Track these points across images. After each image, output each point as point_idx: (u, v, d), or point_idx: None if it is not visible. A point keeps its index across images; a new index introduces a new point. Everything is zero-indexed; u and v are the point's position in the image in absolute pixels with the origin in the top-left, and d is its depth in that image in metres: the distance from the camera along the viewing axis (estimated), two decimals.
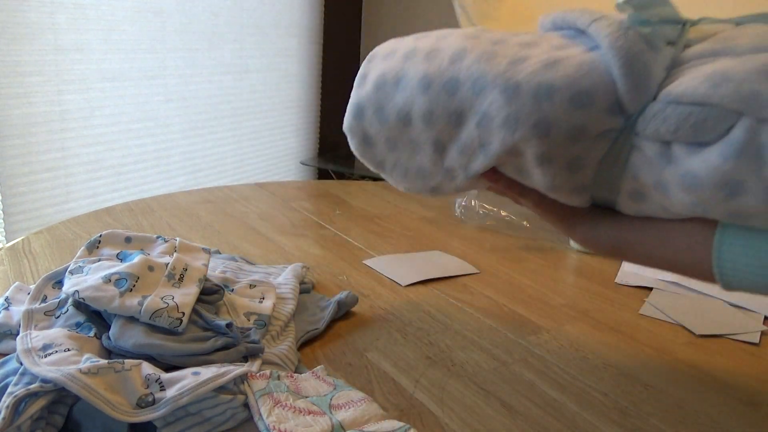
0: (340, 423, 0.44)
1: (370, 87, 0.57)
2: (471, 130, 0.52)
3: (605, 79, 0.46)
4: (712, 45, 0.45)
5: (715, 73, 0.42)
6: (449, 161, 0.55)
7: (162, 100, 2.13)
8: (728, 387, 0.58)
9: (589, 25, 0.49)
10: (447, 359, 0.59)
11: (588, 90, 0.46)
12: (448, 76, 0.52)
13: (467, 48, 0.52)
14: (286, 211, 1.02)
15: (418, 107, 0.53)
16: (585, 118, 0.46)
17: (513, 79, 0.48)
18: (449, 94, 0.52)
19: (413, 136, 0.56)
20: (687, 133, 0.43)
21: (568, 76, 0.46)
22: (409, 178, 0.59)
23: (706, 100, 0.42)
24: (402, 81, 0.55)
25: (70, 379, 0.41)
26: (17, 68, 1.71)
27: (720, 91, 0.41)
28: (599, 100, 0.46)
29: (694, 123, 0.42)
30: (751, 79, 0.41)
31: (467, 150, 0.53)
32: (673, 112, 0.43)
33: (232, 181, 2.45)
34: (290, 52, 2.57)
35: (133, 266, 0.54)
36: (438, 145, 0.55)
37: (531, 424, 0.50)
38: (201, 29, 2.19)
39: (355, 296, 0.67)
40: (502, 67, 0.49)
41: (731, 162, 0.41)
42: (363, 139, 0.59)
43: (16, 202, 1.78)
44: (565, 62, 0.47)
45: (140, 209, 0.98)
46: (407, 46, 0.56)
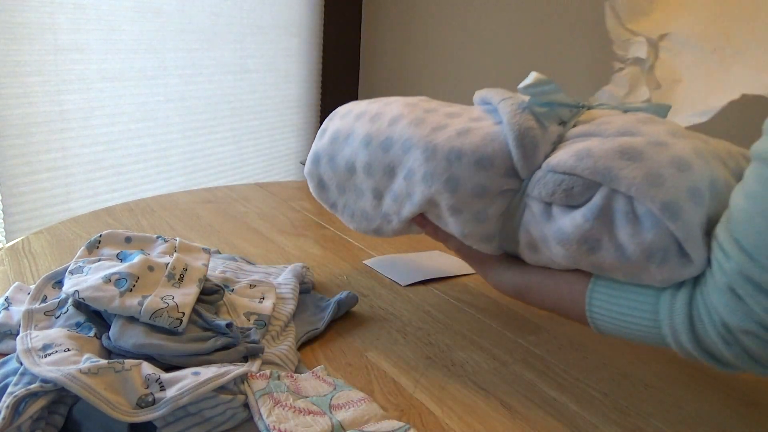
0: (340, 423, 0.44)
1: (327, 140, 0.68)
2: (400, 182, 0.61)
3: (504, 149, 0.55)
4: (589, 127, 0.55)
5: (582, 150, 0.51)
6: (385, 207, 0.64)
7: (162, 100, 2.12)
8: (728, 387, 0.58)
9: (498, 103, 0.58)
10: (447, 359, 0.59)
11: (489, 156, 0.55)
12: (384, 135, 0.62)
13: (404, 114, 0.62)
14: (286, 211, 1.02)
15: (361, 159, 0.64)
16: (486, 178, 0.56)
17: (432, 143, 0.58)
18: (384, 150, 0.62)
19: (357, 183, 0.65)
20: (560, 197, 0.52)
21: (474, 143, 0.56)
22: (356, 219, 0.68)
23: (572, 171, 0.51)
24: (350, 137, 0.65)
25: (70, 379, 0.41)
26: (17, 68, 1.71)
27: (582, 164, 0.50)
28: (498, 165, 0.55)
29: (564, 189, 0.51)
30: (607, 156, 0.49)
31: (398, 198, 0.62)
32: (551, 179, 0.52)
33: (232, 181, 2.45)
34: (290, 52, 2.57)
35: (133, 266, 0.54)
36: (376, 193, 0.64)
37: (531, 424, 0.50)
38: (201, 29, 2.19)
39: (355, 296, 0.67)
40: (426, 131, 0.59)
41: (590, 223, 0.50)
42: (318, 183, 0.69)
43: (16, 202, 1.78)
44: (474, 132, 0.57)
45: (140, 209, 0.97)
46: (360, 108, 0.67)
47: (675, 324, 0.47)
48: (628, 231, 0.49)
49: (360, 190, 0.66)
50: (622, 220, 0.49)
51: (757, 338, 0.43)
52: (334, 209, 0.70)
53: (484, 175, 0.56)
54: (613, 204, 0.49)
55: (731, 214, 0.44)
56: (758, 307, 0.41)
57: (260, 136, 2.54)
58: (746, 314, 0.42)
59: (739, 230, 0.42)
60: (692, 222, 0.46)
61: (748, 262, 0.41)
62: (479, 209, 0.57)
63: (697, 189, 0.47)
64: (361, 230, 0.69)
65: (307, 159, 0.70)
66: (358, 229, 0.69)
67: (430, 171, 0.58)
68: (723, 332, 0.44)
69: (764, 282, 0.41)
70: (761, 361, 0.44)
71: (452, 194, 0.57)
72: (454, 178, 0.57)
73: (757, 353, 0.44)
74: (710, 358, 0.47)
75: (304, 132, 2.74)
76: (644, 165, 0.48)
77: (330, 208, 0.70)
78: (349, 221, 0.69)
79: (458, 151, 0.57)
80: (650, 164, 0.48)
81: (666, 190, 0.47)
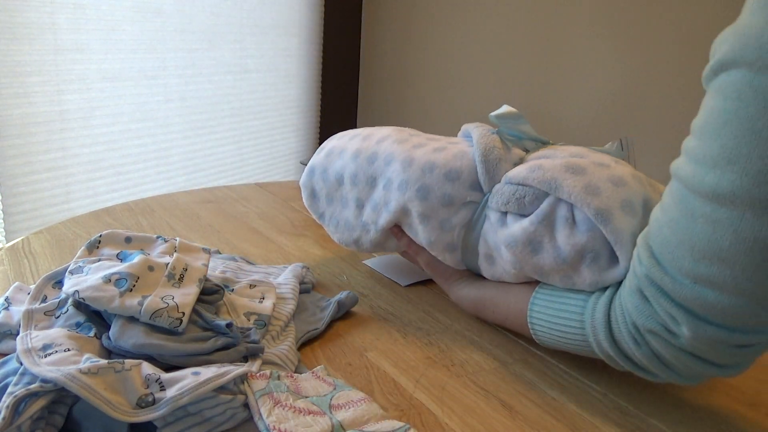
0: (340, 423, 0.44)
1: (323, 155, 0.75)
2: (379, 191, 0.68)
3: (471, 164, 0.63)
4: (545, 152, 0.63)
5: (534, 164, 0.59)
6: (365, 216, 0.70)
7: (162, 100, 2.12)
8: (728, 387, 0.58)
9: (473, 130, 0.67)
10: (447, 359, 0.59)
11: (458, 169, 0.63)
12: (371, 150, 0.70)
13: (391, 135, 0.71)
14: (286, 211, 1.02)
15: (349, 171, 0.71)
16: (453, 189, 0.63)
17: (411, 156, 0.66)
18: (369, 163, 0.69)
19: (344, 193, 0.72)
20: (513, 206, 0.58)
21: (446, 158, 0.64)
22: (340, 229, 0.74)
23: (524, 181, 0.58)
24: (343, 153, 0.72)
25: (70, 379, 0.41)
26: (17, 68, 1.71)
27: (533, 175, 0.57)
28: (464, 178, 0.63)
29: (517, 198, 0.58)
30: (555, 170, 0.57)
31: (377, 207, 0.69)
32: (507, 189, 0.59)
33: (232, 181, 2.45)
34: (290, 52, 2.57)
35: (133, 266, 0.54)
36: (359, 203, 0.71)
37: (531, 424, 0.50)
38: (201, 29, 2.19)
39: (355, 296, 0.67)
40: (407, 147, 0.68)
41: (534, 226, 0.56)
42: (311, 193, 0.75)
43: (16, 202, 1.78)
44: (448, 150, 0.66)
45: (140, 209, 0.98)
46: (356, 131, 0.76)
47: (595, 324, 0.51)
48: (565, 233, 0.55)
49: (345, 200, 0.72)
50: (562, 224, 0.56)
51: (661, 338, 0.46)
52: (322, 219, 0.76)
53: (450, 186, 0.63)
54: (556, 210, 0.56)
55: (649, 223, 0.48)
56: (660, 308, 0.45)
57: (260, 136, 2.54)
58: (651, 315, 0.46)
59: (652, 238, 0.46)
60: (623, 229, 0.52)
61: (654, 266, 0.45)
62: (445, 217, 0.64)
63: (629, 202, 0.54)
64: (342, 241, 0.74)
65: (304, 171, 0.76)
66: (340, 240, 0.74)
67: (405, 179, 0.65)
68: (633, 332, 0.48)
69: (665, 285, 0.44)
70: (669, 365, 0.48)
71: (422, 202, 0.64)
72: (426, 187, 0.64)
73: (662, 354, 0.47)
74: (626, 360, 0.50)
75: (304, 132, 2.74)
76: (585, 178, 0.56)
77: (318, 219, 0.76)
78: (334, 231, 0.75)
79: (431, 164, 0.65)
80: (590, 178, 0.56)
81: (601, 200, 0.53)
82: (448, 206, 0.63)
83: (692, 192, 0.42)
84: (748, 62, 0.38)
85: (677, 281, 0.44)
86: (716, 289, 0.42)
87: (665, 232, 0.44)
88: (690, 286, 0.43)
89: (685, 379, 0.49)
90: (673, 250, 0.44)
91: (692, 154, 0.42)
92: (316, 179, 0.74)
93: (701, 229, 0.41)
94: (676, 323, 0.44)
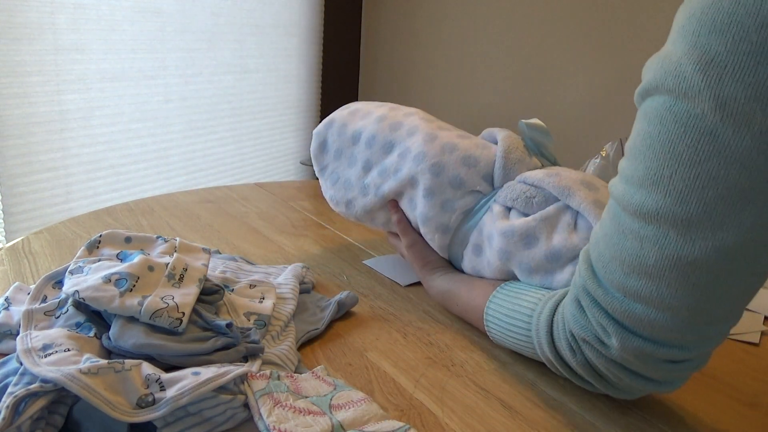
0: (340, 423, 0.44)
1: (347, 111, 0.76)
2: (393, 158, 0.70)
3: (490, 157, 0.66)
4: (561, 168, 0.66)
5: (552, 171, 0.63)
6: (369, 179, 0.72)
7: (162, 100, 2.12)
8: (729, 387, 0.58)
9: (499, 131, 0.70)
10: (447, 359, 0.59)
11: (477, 157, 0.66)
12: (397, 120, 0.72)
13: (419, 113, 0.73)
14: (286, 211, 1.02)
15: (368, 132, 0.72)
16: (467, 174, 0.66)
17: (434, 133, 0.69)
18: (392, 129, 0.72)
19: (355, 152, 0.73)
20: (521, 203, 0.62)
21: (468, 145, 0.68)
22: (337, 186, 0.75)
23: (539, 184, 0.62)
24: (368, 115, 0.74)
25: (70, 379, 0.41)
26: (17, 68, 1.71)
27: (550, 180, 0.61)
28: (480, 167, 0.66)
29: (527, 196, 0.62)
30: (571, 179, 0.61)
31: (385, 173, 0.70)
32: (519, 187, 0.63)
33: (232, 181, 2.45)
34: (290, 52, 2.57)
35: (133, 266, 0.54)
36: (367, 165, 0.72)
37: (531, 424, 0.50)
38: (201, 29, 2.19)
39: (355, 296, 0.67)
40: (432, 127, 0.70)
41: (537, 221, 0.60)
42: (321, 144, 0.77)
43: (16, 202, 1.78)
44: (472, 139, 0.69)
45: (140, 209, 0.98)
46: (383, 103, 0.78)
47: (539, 327, 0.53)
48: (563, 235, 0.58)
49: (354, 159, 0.73)
50: (564, 227, 0.59)
51: (593, 348, 0.48)
52: (322, 173, 0.77)
53: (465, 171, 0.66)
54: (561, 215, 0.60)
55: (590, 238, 0.49)
56: (593, 319, 0.47)
57: (260, 136, 2.54)
58: (585, 325, 0.47)
59: (591, 251, 0.48)
60: None
61: (590, 277, 0.47)
62: (449, 198, 0.66)
63: None
64: (334, 199, 0.76)
65: (322, 121, 0.77)
66: (332, 197, 0.76)
67: (424, 152, 0.67)
68: (570, 340, 0.50)
69: (599, 297, 0.46)
70: (602, 375, 0.49)
71: (434, 177, 0.66)
72: (441, 164, 0.66)
73: (595, 364, 0.48)
74: (564, 366, 0.52)
75: (304, 132, 2.74)
76: (597, 194, 0.59)
77: (319, 172, 0.78)
78: (329, 188, 0.76)
79: (453, 145, 0.67)
80: (601, 195, 0.59)
81: None
82: (457, 189, 0.66)
83: (623, 209, 0.44)
84: (668, 89, 0.40)
85: (609, 293, 0.45)
86: (644, 303, 0.43)
87: (601, 246, 0.46)
88: (620, 299, 0.44)
89: (620, 392, 0.50)
90: (606, 264, 0.45)
91: (623, 174, 0.44)
92: (332, 131, 0.75)
93: (630, 245, 0.43)
94: (607, 334, 0.46)
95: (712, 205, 0.39)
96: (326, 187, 0.76)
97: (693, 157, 0.39)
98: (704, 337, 0.44)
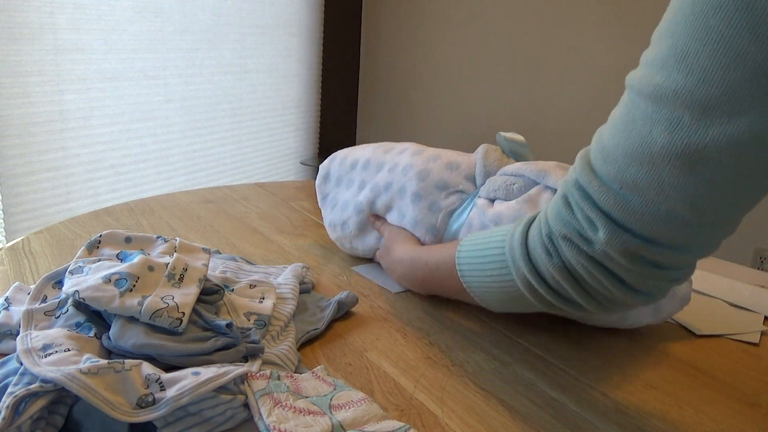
0: (340, 423, 0.44)
1: (349, 149, 0.83)
2: (384, 174, 0.76)
3: (471, 161, 0.72)
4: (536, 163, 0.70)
5: (528, 162, 0.68)
6: (362, 196, 0.77)
7: (162, 100, 2.13)
8: (728, 387, 0.58)
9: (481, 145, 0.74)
10: (447, 359, 0.59)
11: (458, 162, 0.72)
12: (390, 146, 0.79)
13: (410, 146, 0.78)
14: (286, 211, 1.02)
15: (364, 158, 0.79)
16: (449, 176, 0.71)
17: (422, 149, 0.76)
18: (384, 152, 0.78)
19: (352, 176, 0.80)
20: (502, 192, 0.67)
21: (451, 155, 0.74)
22: (336, 209, 0.80)
23: (518, 172, 0.67)
24: (367, 147, 0.81)
25: (70, 379, 0.41)
26: (17, 68, 1.71)
27: (528, 167, 0.66)
28: (462, 169, 0.72)
29: (508, 185, 0.67)
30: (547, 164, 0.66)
31: (376, 188, 0.76)
32: (500, 178, 0.68)
33: (232, 181, 2.45)
34: (290, 52, 2.57)
35: (133, 266, 0.54)
36: (362, 184, 0.78)
37: (531, 424, 0.50)
38: (201, 29, 2.19)
39: (355, 296, 0.67)
40: (421, 148, 0.77)
41: (520, 204, 0.64)
42: (325, 175, 0.83)
43: (16, 202, 1.78)
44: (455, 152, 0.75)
45: (140, 209, 0.98)
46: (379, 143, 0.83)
47: (513, 246, 0.52)
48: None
49: (351, 182, 0.79)
50: (545, 204, 0.61)
51: (573, 245, 0.47)
52: (323, 202, 0.82)
53: (448, 173, 0.71)
54: (541, 194, 0.64)
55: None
56: (581, 213, 0.46)
57: (260, 136, 2.54)
58: (569, 221, 0.47)
59: (592, 147, 0.47)
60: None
61: (586, 171, 0.46)
62: (435, 200, 0.71)
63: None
64: (332, 224, 0.81)
65: (327, 158, 0.84)
66: (331, 222, 0.81)
67: (411, 163, 0.73)
68: (546, 242, 0.49)
69: (592, 189, 0.45)
70: (579, 280, 0.48)
71: (420, 182, 0.72)
72: (426, 170, 0.72)
73: (573, 264, 0.47)
74: (541, 282, 0.50)
75: (304, 132, 2.74)
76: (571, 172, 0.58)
77: (321, 201, 0.83)
78: (329, 212, 0.81)
79: (437, 155, 0.74)
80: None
81: None
82: (442, 190, 0.71)
83: (638, 94, 0.42)
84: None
85: (605, 185, 0.44)
86: (641, 194, 0.42)
87: (605, 138, 0.45)
88: (616, 191, 0.44)
89: (595, 305, 0.49)
90: (607, 156, 0.44)
91: (645, 59, 0.43)
92: (335, 164, 0.82)
93: (638, 132, 0.42)
94: (594, 228, 0.45)
95: (734, 88, 0.37)
96: (326, 213, 0.82)
97: (724, 32, 0.37)
98: (696, 238, 0.43)
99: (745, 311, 0.73)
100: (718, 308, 0.74)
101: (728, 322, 0.70)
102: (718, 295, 0.77)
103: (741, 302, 0.75)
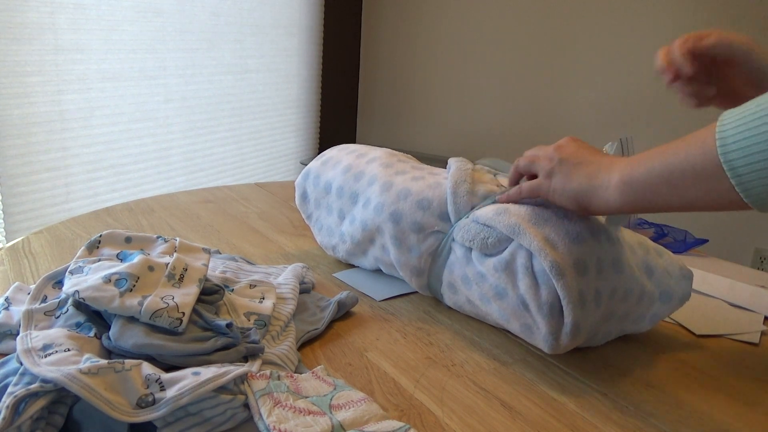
0: (340, 423, 0.44)
1: (320, 162, 0.80)
2: (359, 209, 0.73)
3: (442, 196, 0.67)
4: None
5: (501, 208, 0.62)
6: (344, 227, 0.75)
7: (162, 100, 2.13)
8: (728, 387, 0.58)
9: (453, 163, 0.70)
10: (447, 359, 0.59)
11: (429, 199, 0.68)
12: (360, 169, 0.75)
13: (381, 157, 0.76)
14: (286, 211, 1.02)
15: (336, 183, 0.76)
16: (422, 217, 0.67)
17: (390, 181, 0.71)
18: (355, 180, 0.75)
19: (330, 202, 0.77)
20: (478, 245, 0.62)
21: (421, 188, 0.69)
22: (322, 233, 0.79)
23: (489, 223, 0.61)
24: (337, 164, 0.78)
25: (70, 379, 0.41)
26: (17, 68, 1.71)
27: (499, 219, 0.60)
28: (434, 208, 0.67)
29: (482, 238, 0.61)
30: (519, 215, 0.60)
31: (354, 222, 0.73)
32: (473, 227, 0.63)
33: (232, 181, 2.45)
34: (290, 52, 2.57)
35: (133, 266, 0.54)
36: (341, 214, 0.76)
37: (531, 424, 0.50)
38: (201, 29, 2.19)
39: (355, 296, 0.67)
40: (390, 173, 0.73)
41: (499, 273, 0.60)
42: (302, 194, 0.81)
43: (16, 202, 1.78)
44: (425, 180, 0.70)
45: (140, 209, 0.98)
46: (354, 147, 0.82)
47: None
48: (526, 282, 0.58)
49: (330, 208, 0.77)
50: (522, 272, 0.58)
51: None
52: (309, 220, 0.81)
53: (421, 214, 0.67)
54: (516, 258, 0.59)
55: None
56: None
57: (260, 136, 2.54)
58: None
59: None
60: (572, 286, 0.55)
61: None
62: (414, 243, 0.68)
63: (582, 261, 0.56)
64: (323, 244, 0.80)
65: (301, 173, 0.82)
66: (321, 243, 0.80)
67: (381, 202, 0.70)
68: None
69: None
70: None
71: (395, 225, 0.68)
72: (398, 212, 0.68)
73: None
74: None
75: (304, 132, 2.74)
76: (545, 229, 0.58)
77: (306, 219, 0.82)
78: (317, 233, 0.80)
79: (407, 191, 0.69)
80: (548, 231, 0.58)
81: (557, 254, 0.56)
82: (418, 233, 0.67)
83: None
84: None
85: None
86: None
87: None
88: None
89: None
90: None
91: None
92: (309, 182, 0.80)
93: None
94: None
95: None
96: (315, 233, 0.81)
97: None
98: None
99: (745, 311, 0.73)
100: (718, 308, 0.74)
101: (728, 322, 0.70)
102: (718, 295, 0.77)
103: (741, 302, 0.75)
